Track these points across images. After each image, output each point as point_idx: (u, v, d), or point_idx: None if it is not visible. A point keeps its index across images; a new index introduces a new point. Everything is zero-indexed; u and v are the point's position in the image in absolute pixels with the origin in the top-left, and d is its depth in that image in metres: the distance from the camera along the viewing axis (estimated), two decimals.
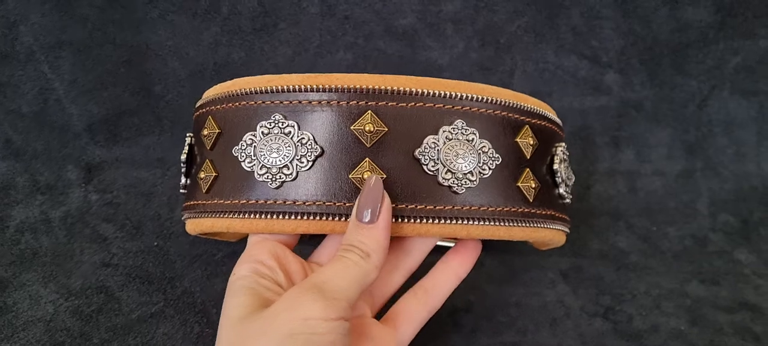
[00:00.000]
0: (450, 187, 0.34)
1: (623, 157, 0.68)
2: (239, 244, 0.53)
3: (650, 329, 0.48)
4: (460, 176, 0.35)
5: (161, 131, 0.63)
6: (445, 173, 0.34)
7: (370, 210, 0.32)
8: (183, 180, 0.41)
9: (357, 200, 0.33)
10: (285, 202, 0.34)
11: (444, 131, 0.35)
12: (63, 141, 0.61)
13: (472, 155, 0.35)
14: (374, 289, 0.39)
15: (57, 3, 0.59)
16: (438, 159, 0.34)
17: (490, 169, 0.36)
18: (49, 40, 0.60)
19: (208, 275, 0.51)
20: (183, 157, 0.41)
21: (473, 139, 0.35)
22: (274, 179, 0.34)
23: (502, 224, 0.36)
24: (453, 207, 0.34)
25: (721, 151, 0.68)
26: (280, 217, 0.34)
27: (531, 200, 0.37)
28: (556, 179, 0.40)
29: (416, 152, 0.34)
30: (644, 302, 0.50)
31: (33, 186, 0.59)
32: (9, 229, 0.55)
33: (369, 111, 0.34)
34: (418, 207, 0.34)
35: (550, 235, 0.39)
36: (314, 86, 0.34)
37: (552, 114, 0.41)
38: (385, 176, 0.33)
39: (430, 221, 0.34)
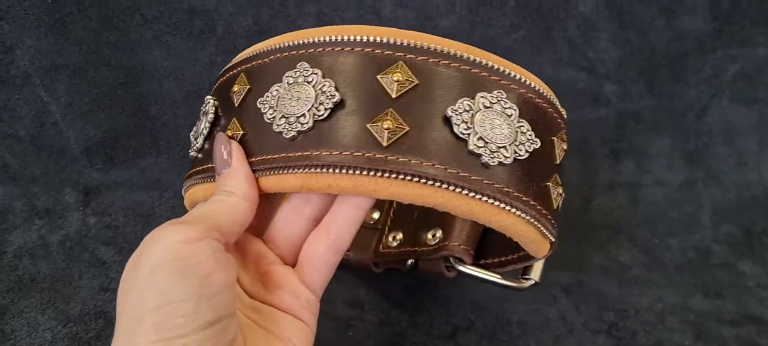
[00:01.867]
0: (281, 133, 0.32)
1: (623, 169, 0.67)
2: None
3: (655, 344, 0.47)
4: (293, 121, 0.31)
5: (158, 153, 0.63)
6: (280, 119, 0.32)
7: (223, 163, 0.33)
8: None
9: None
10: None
11: (287, 76, 0.33)
12: (60, 164, 0.61)
13: (307, 98, 0.32)
14: (277, 238, 0.37)
15: (52, 26, 0.59)
16: (276, 107, 0.32)
17: (326, 109, 0.31)
18: (44, 63, 0.60)
19: None
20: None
21: (313, 79, 0.32)
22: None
23: (346, 172, 0.30)
24: (287, 155, 0.31)
25: (722, 160, 0.68)
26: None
27: (384, 144, 0.30)
28: (455, 128, 0.31)
29: (258, 102, 0.33)
30: (648, 318, 0.50)
31: (31, 210, 0.59)
32: (7, 254, 0.54)
33: (241, 74, 0.35)
34: (260, 159, 0.33)
35: (435, 197, 0.31)
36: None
37: (469, 54, 0.33)
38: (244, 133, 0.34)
39: (269, 173, 0.32)
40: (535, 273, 0.44)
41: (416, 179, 0.30)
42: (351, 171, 0.30)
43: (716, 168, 0.68)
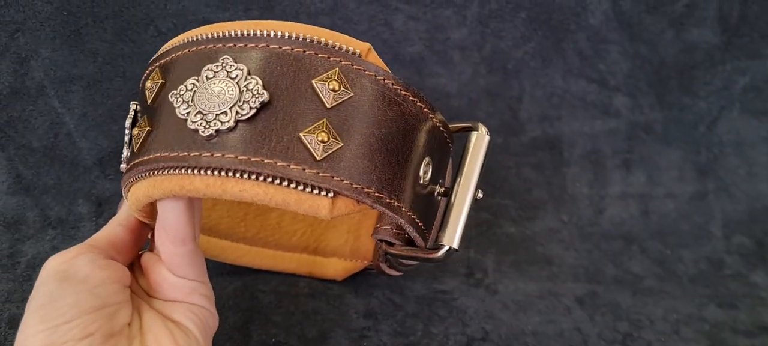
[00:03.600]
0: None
1: (634, 180, 0.67)
2: (248, 274, 0.53)
3: None
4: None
5: None
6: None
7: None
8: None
9: None
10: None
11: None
12: (74, 175, 0.61)
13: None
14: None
15: (67, 38, 0.59)
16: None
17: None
18: (59, 74, 0.60)
19: (219, 308, 0.50)
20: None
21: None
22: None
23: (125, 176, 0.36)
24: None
25: (732, 171, 0.68)
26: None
27: (135, 150, 0.34)
28: (176, 111, 0.32)
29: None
30: (662, 328, 0.50)
31: (44, 221, 0.59)
32: (20, 265, 0.54)
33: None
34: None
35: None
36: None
37: (204, 33, 0.34)
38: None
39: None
40: (448, 239, 0.38)
41: (151, 173, 0.32)
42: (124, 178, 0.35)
43: (727, 180, 0.68)
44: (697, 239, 0.63)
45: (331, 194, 0.31)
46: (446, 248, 0.38)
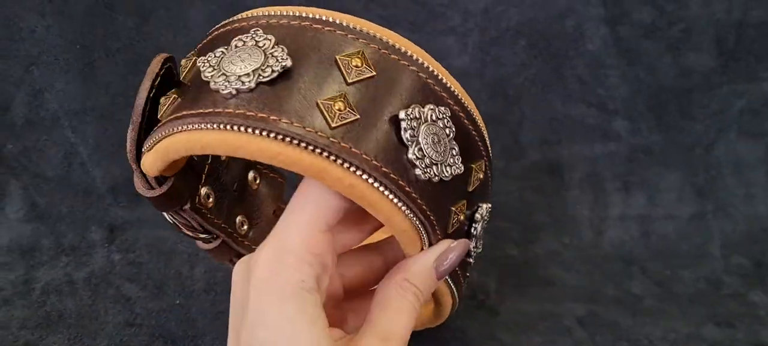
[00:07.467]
0: (217, 90, 0.30)
1: (634, 202, 0.68)
2: None
3: None
4: (233, 80, 0.30)
5: None
6: (219, 77, 0.30)
7: (448, 266, 0.33)
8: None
9: (445, 245, 0.33)
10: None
11: (236, 40, 0.31)
12: (87, 203, 0.63)
13: (255, 59, 0.30)
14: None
15: (81, 71, 0.61)
16: (217, 66, 0.31)
17: (274, 71, 0.30)
18: (73, 106, 0.62)
19: (200, 330, 0.52)
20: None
21: (265, 44, 0.31)
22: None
23: (293, 142, 0.28)
24: (224, 110, 0.30)
25: (731, 193, 0.69)
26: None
27: (333, 125, 0.29)
28: (402, 132, 0.30)
29: (198, 61, 0.32)
30: None
31: (57, 248, 0.61)
32: (35, 291, 0.56)
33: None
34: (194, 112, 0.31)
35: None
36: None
37: (428, 63, 0.33)
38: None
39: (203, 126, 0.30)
40: None
41: (353, 169, 0.29)
42: (297, 142, 0.28)
43: (725, 201, 0.69)
44: (696, 259, 0.64)
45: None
46: None
